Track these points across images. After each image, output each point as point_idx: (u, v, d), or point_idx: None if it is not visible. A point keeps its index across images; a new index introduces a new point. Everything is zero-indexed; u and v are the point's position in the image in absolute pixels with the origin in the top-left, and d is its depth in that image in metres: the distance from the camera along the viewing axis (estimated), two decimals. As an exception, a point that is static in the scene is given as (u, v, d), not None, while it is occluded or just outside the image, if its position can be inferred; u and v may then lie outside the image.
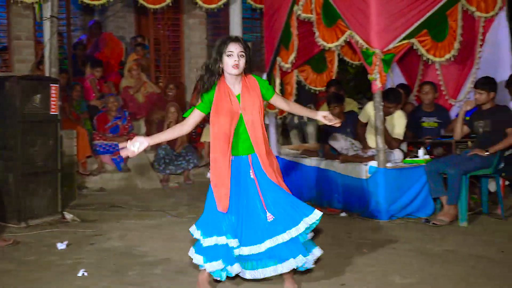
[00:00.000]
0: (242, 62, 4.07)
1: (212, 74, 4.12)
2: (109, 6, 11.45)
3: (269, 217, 4.13)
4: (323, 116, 4.29)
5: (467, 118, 6.79)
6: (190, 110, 4.29)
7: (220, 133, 4.14)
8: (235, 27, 9.24)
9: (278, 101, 4.32)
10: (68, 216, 6.79)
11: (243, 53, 4.07)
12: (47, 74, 7.54)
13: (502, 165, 6.40)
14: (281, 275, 4.19)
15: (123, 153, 4.27)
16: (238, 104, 4.13)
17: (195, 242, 4.39)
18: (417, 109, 7.71)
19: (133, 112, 9.99)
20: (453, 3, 6.68)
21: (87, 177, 8.72)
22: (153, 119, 9.66)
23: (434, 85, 7.58)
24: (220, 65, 4.10)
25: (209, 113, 4.17)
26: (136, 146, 4.18)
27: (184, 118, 4.38)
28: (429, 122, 7.47)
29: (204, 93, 4.15)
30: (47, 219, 6.63)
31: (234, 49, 4.05)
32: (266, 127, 8.97)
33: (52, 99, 6.71)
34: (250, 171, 4.18)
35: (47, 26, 7.52)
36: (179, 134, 4.48)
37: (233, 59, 4.04)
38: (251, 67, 4.17)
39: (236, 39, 4.13)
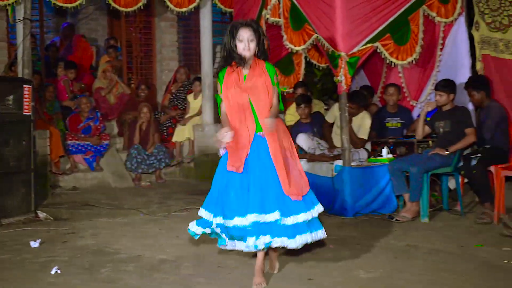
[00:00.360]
0: (252, 46, 4.18)
1: (231, 57, 4.23)
2: (81, 9, 11.33)
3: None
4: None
5: (428, 118, 6.88)
6: (218, 96, 4.38)
7: (234, 104, 4.25)
8: (206, 30, 9.22)
9: (275, 94, 4.31)
10: (41, 215, 6.70)
11: (253, 37, 4.17)
12: (20, 76, 7.42)
13: (461, 163, 6.48)
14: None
15: (221, 145, 4.29)
16: (243, 82, 4.23)
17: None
18: (381, 110, 7.77)
19: (105, 113, 9.90)
20: (415, 9, 6.75)
21: (60, 176, 8.62)
22: (125, 120, 9.58)
23: (398, 87, 7.65)
24: (233, 47, 4.21)
25: None
26: (228, 136, 4.18)
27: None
28: (392, 123, 7.53)
29: (219, 76, 4.29)
30: (20, 218, 6.53)
31: (244, 33, 4.16)
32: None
33: (25, 100, 6.61)
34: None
35: (20, 28, 7.40)
36: None
37: (244, 44, 4.16)
38: (263, 53, 4.26)
39: (246, 24, 4.22)
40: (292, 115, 8.32)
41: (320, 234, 4.30)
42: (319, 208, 4.32)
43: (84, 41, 11.29)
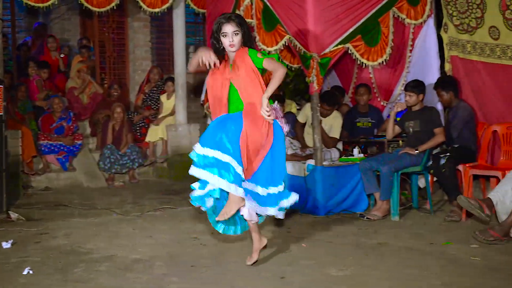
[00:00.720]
0: (237, 39, 4.31)
1: (218, 53, 4.38)
2: (54, 9, 11.21)
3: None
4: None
5: (398, 119, 6.94)
6: None
7: (213, 96, 4.48)
8: (179, 31, 9.19)
9: (268, 66, 4.35)
10: (13, 215, 6.61)
11: (238, 31, 4.29)
12: (-9, 75, 7.32)
13: (430, 162, 6.55)
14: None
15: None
16: (229, 72, 4.39)
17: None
18: (352, 110, 7.82)
19: (78, 113, 9.82)
20: (385, 11, 6.81)
21: (32, 176, 8.52)
22: (98, 119, 9.51)
23: (368, 87, 7.71)
24: (221, 44, 4.36)
25: None
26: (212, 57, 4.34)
27: None
28: (363, 122, 7.59)
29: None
30: (-8, 218, 6.45)
31: (228, 29, 4.28)
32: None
33: (-4, 99, 6.52)
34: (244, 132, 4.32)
35: (-9, 27, 7.29)
36: None
37: (228, 39, 4.29)
38: (248, 41, 4.38)
39: (229, 19, 4.33)
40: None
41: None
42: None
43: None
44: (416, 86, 6.65)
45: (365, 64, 6.93)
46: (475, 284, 4.16)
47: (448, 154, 6.39)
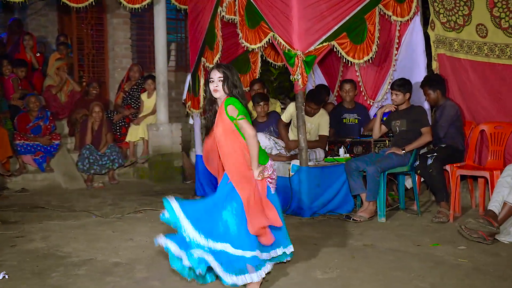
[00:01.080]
0: (220, 86, 4.27)
1: (211, 102, 4.41)
2: (30, 4, 11.14)
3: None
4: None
5: (385, 118, 6.98)
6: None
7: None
8: (160, 27, 9.17)
9: (241, 128, 4.24)
10: (-12, 218, 6.58)
11: (221, 78, 4.27)
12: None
13: (417, 163, 6.59)
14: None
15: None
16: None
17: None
18: (338, 106, 7.84)
19: (55, 112, 9.76)
20: (370, 8, 6.84)
21: (8, 178, 8.46)
22: (76, 119, 9.45)
23: (354, 83, 7.74)
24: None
25: None
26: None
27: None
28: (349, 119, 7.62)
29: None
30: (-34, 221, 6.40)
31: (214, 75, 4.29)
32: (191, 127, 8.96)
33: (-30, 98, 6.48)
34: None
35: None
36: None
37: (214, 84, 4.27)
38: (231, 90, 4.28)
39: (217, 66, 4.36)
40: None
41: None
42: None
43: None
44: (402, 85, 6.69)
45: (351, 62, 6.96)
46: (462, 286, 4.20)
47: (435, 154, 6.43)
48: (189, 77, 8.29)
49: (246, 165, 4.21)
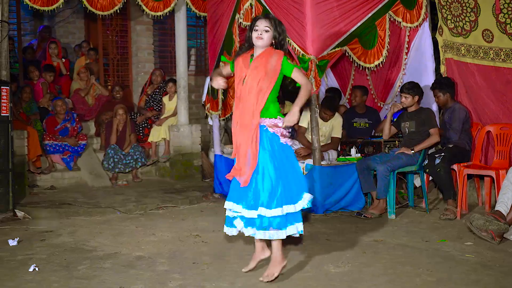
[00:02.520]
0: (266, 35, 4.23)
1: (247, 46, 4.36)
2: (58, 12, 11.21)
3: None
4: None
5: (395, 119, 6.96)
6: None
7: (236, 90, 4.37)
8: (180, 34, 9.19)
9: (296, 77, 4.35)
10: (20, 213, 6.63)
11: (268, 28, 4.23)
12: (-3, 77, 7.33)
13: (426, 162, 6.56)
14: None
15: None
16: (248, 66, 4.28)
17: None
18: (350, 110, 7.83)
19: (83, 114, 9.83)
20: (381, 14, 6.81)
21: (38, 175, 8.53)
22: (102, 120, 9.52)
23: (364, 88, 7.72)
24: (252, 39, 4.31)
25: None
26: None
27: None
28: (360, 123, 7.60)
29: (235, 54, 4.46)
30: (-2, 216, 6.46)
31: (260, 24, 4.22)
32: (210, 128, 8.98)
33: (2, 101, 6.54)
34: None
35: (-3, 30, 7.31)
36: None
37: (258, 33, 4.23)
38: (281, 44, 4.28)
39: (265, 16, 4.33)
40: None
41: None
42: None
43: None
44: (411, 88, 6.66)
45: (362, 66, 6.94)
46: (468, 281, 4.17)
47: (443, 153, 6.40)
48: (208, 81, 8.30)
49: None
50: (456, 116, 6.60)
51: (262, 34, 4.22)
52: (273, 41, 4.29)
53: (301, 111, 4.41)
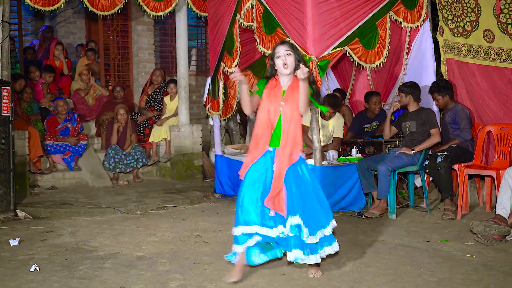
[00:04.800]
0: (290, 60, 4.23)
1: (270, 76, 4.37)
2: (60, 12, 11.23)
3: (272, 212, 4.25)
4: None
5: (393, 118, 6.97)
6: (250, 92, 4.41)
7: (263, 118, 4.30)
8: (181, 34, 9.19)
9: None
10: (21, 213, 6.63)
11: (290, 52, 4.23)
12: (-2, 77, 7.33)
13: (426, 162, 6.55)
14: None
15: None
16: (281, 97, 4.27)
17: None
18: (361, 114, 7.73)
19: (83, 114, 9.83)
20: (382, 14, 6.81)
21: (39, 176, 8.53)
22: (103, 120, 9.51)
23: (379, 95, 7.66)
24: (275, 68, 4.32)
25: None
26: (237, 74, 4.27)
27: None
28: (371, 126, 7.57)
29: (259, 82, 4.40)
30: (0, 216, 6.46)
31: (280, 49, 4.24)
32: (211, 128, 8.98)
33: (4, 101, 6.53)
34: (274, 164, 4.27)
35: (-2, 31, 7.30)
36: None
37: (281, 59, 4.23)
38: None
39: (282, 42, 4.35)
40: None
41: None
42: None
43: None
44: (407, 87, 6.73)
45: (363, 66, 6.94)
46: (469, 281, 4.17)
47: (445, 153, 6.40)
48: (209, 81, 8.31)
49: None
50: (462, 117, 6.60)
51: (286, 59, 4.24)
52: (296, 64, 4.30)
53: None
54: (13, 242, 5.35)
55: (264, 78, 4.43)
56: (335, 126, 7.22)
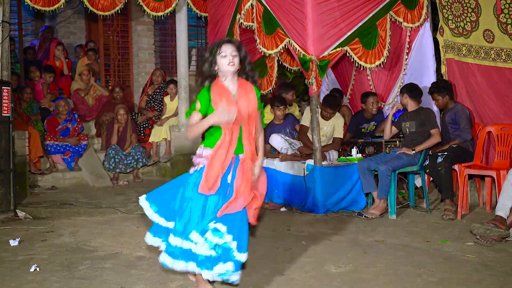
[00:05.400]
0: (236, 61, 3.92)
1: (209, 77, 3.96)
2: (60, 13, 11.22)
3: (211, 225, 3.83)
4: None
5: (392, 118, 6.97)
6: (189, 111, 4.01)
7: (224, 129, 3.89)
8: (181, 34, 9.20)
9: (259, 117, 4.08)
10: (21, 213, 6.63)
11: (236, 54, 3.92)
12: (-2, 77, 7.33)
13: (427, 162, 6.55)
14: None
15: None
16: (233, 100, 3.90)
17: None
18: (358, 115, 7.73)
19: (83, 114, 9.83)
20: (382, 15, 6.81)
21: (39, 176, 8.53)
22: (103, 120, 9.51)
23: (376, 95, 7.66)
24: (215, 67, 3.94)
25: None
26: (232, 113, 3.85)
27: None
28: (368, 127, 7.57)
29: (200, 95, 3.93)
30: (0, 217, 6.45)
31: (227, 48, 3.91)
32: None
33: (4, 101, 6.53)
34: (229, 174, 3.91)
35: (-2, 31, 7.30)
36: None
37: (227, 59, 3.89)
38: (246, 69, 3.99)
39: (228, 41, 3.98)
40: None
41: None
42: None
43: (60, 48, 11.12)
44: (403, 87, 6.76)
45: (363, 66, 6.94)
46: (469, 281, 4.17)
47: (446, 153, 6.40)
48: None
49: None
50: (462, 117, 6.60)
51: (233, 60, 3.90)
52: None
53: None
54: (13, 242, 5.35)
55: (204, 83, 3.99)
56: (335, 126, 7.22)
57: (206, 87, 3.94)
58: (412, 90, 6.71)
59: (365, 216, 6.35)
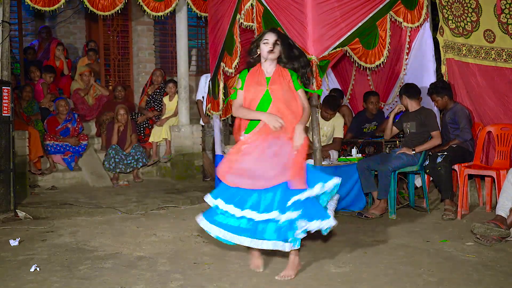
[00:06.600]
0: (277, 49, 4.29)
1: (252, 59, 4.41)
2: (60, 13, 11.23)
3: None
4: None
5: (396, 120, 6.97)
6: (234, 93, 4.47)
7: (248, 105, 4.38)
8: (181, 34, 9.20)
9: (301, 96, 4.41)
10: (21, 213, 6.63)
11: (278, 42, 4.29)
12: (-2, 78, 7.33)
13: (427, 162, 6.56)
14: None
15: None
16: (265, 84, 4.32)
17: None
18: (360, 115, 7.74)
19: (83, 114, 9.84)
20: (382, 15, 6.80)
21: (39, 176, 8.53)
22: (103, 120, 9.52)
23: (378, 95, 7.67)
24: (258, 52, 4.36)
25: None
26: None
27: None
28: (370, 127, 7.58)
29: (241, 74, 4.44)
30: (0, 217, 6.45)
31: (270, 37, 4.29)
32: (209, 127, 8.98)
33: (4, 101, 6.54)
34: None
35: (-2, 31, 7.31)
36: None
37: (268, 46, 4.28)
38: (288, 57, 4.34)
39: (272, 30, 4.41)
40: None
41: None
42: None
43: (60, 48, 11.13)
44: (400, 90, 6.79)
45: (363, 66, 6.94)
46: (469, 281, 4.17)
47: (445, 153, 6.40)
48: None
49: None
50: (462, 117, 6.61)
51: (274, 48, 4.30)
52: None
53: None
54: (13, 242, 5.35)
55: (246, 68, 4.47)
56: (335, 126, 7.23)
57: (247, 69, 4.43)
58: (408, 89, 6.73)
59: (365, 216, 6.35)
